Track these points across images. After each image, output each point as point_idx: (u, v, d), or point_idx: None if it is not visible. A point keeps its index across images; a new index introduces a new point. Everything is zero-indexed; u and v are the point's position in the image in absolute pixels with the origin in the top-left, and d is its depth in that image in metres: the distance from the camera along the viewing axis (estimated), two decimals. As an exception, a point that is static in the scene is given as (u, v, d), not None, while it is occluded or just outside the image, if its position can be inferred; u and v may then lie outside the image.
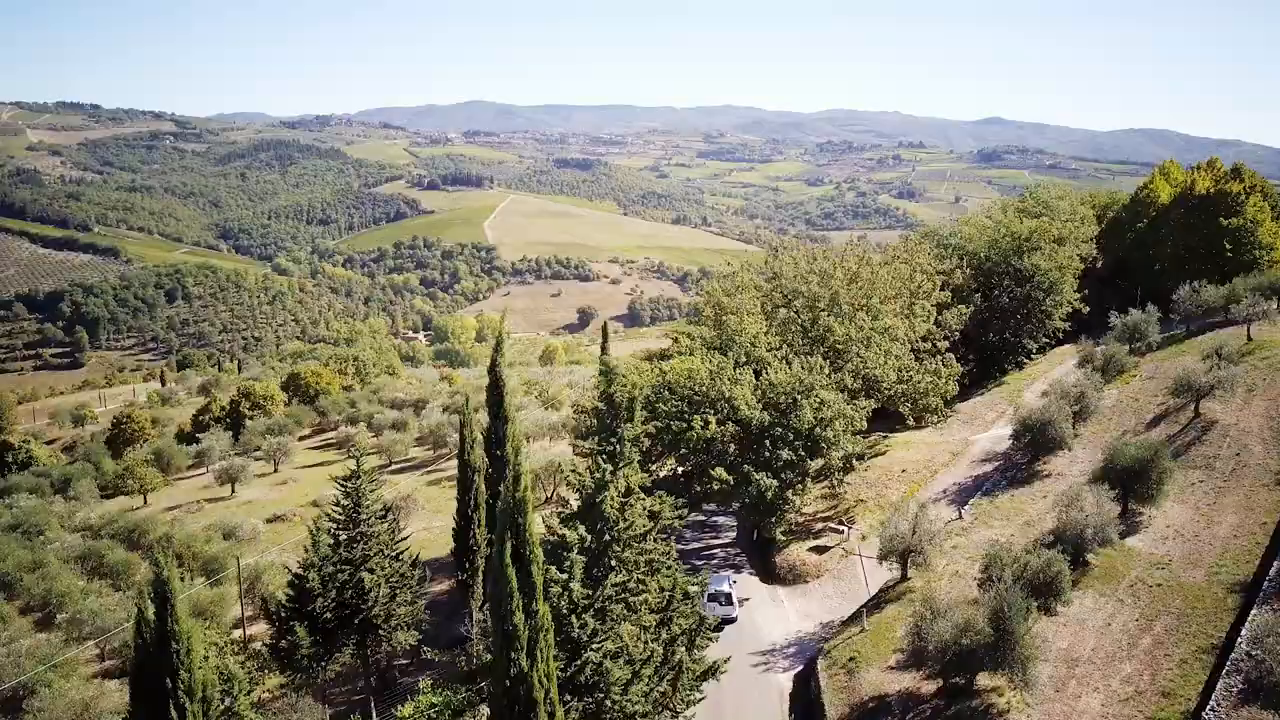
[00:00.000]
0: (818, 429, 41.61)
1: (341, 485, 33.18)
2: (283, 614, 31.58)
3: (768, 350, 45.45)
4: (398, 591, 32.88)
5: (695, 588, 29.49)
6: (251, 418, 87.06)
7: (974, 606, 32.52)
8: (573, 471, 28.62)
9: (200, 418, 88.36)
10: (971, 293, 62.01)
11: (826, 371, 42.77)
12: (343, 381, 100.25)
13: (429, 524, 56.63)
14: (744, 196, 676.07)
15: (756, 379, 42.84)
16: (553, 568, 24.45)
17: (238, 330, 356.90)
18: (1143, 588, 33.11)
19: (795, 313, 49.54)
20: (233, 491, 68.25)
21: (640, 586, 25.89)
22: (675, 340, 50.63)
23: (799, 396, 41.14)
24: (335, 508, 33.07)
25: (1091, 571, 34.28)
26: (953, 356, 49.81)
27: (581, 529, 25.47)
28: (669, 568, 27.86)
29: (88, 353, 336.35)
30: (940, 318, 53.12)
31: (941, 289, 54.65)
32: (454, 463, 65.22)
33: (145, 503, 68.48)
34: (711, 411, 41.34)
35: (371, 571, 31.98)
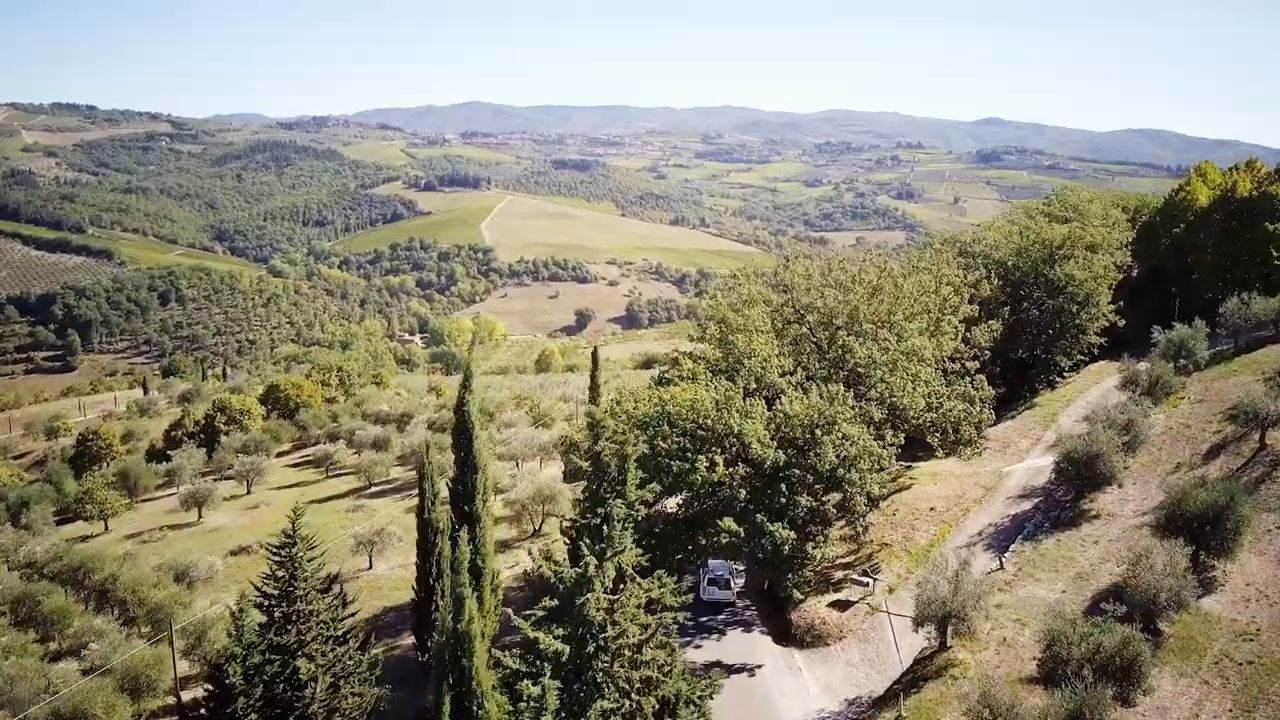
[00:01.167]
0: (840, 469, 36.32)
1: (273, 554, 27.65)
2: (201, 712, 26.39)
3: (781, 375, 40.02)
4: (342, 682, 27.46)
5: (704, 692, 23.85)
6: (227, 433, 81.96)
7: (1031, 689, 27.52)
8: (546, 560, 23.30)
9: (173, 433, 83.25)
10: (999, 305, 56.54)
11: (849, 401, 37.43)
12: (326, 393, 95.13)
13: (406, 559, 51.38)
14: (742, 197, 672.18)
15: (769, 408, 37.71)
16: (526, 682, 19.27)
17: (231, 333, 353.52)
18: (1230, 665, 28.06)
19: (809, 330, 44.13)
20: (199, 517, 63.18)
21: (634, 707, 20.70)
22: (675, 363, 44.82)
23: (819, 431, 35.97)
24: (267, 581, 27.57)
25: (1167, 644, 29.15)
26: (984, 379, 44.20)
27: (558, 638, 20.31)
28: (670, 677, 22.33)
29: (80, 356, 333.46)
30: (968, 334, 47.53)
31: (969, 302, 49.16)
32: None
33: (106, 529, 63.42)
34: (718, 450, 35.82)
35: (310, 659, 26.57)
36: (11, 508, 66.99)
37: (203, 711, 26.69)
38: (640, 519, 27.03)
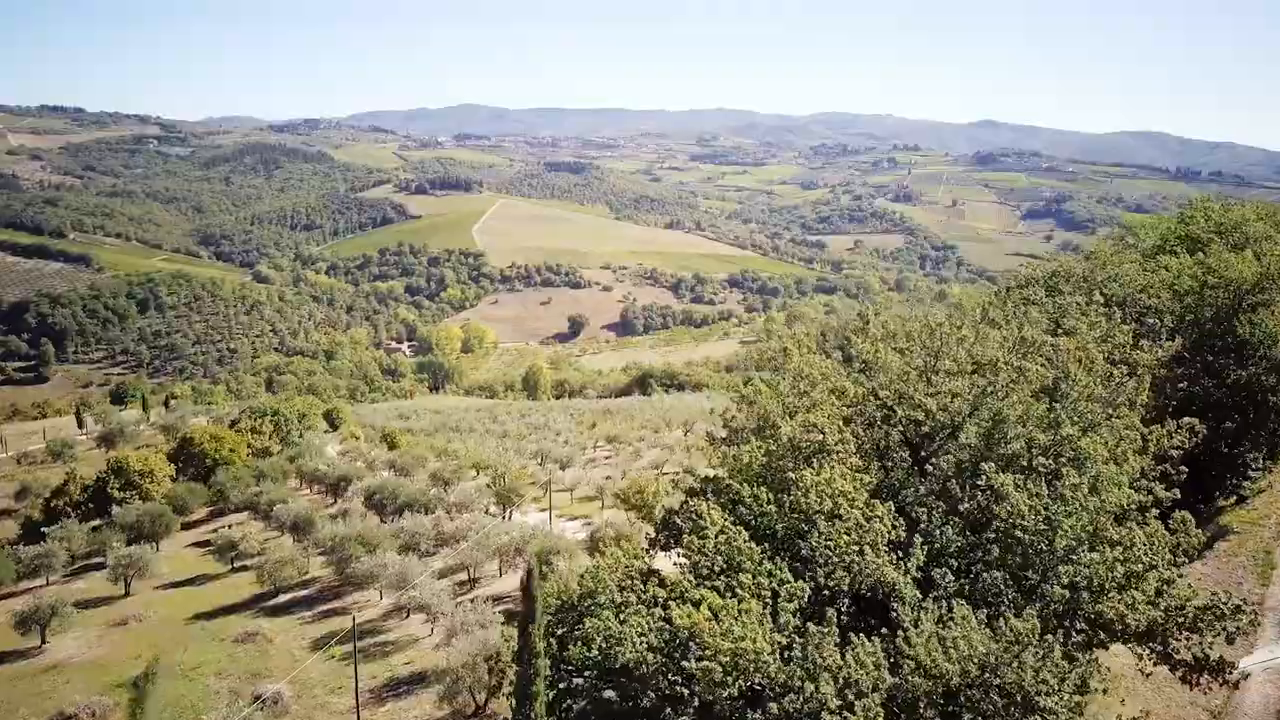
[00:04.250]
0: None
1: None
2: None
3: (893, 563, 19.41)
4: None
5: None
6: (123, 501, 65.65)
7: None
8: None
9: (54, 503, 66.97)
10: (1172, 382, 37.97)
11: (1043, 634, 17.71)
12: (257, 444, 78.67)
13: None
14: (738, 200, 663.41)
15: (885, 642, 18.12)
16: None
17: (212, 342, 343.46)
18: None
19: (905, 437, 24.28)
20: (42, 642, 46.85)
21: None
22: (691, 501, 23.63)
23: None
24: None
25: None
26: (1189, 518, 24.55)
27: None
28: None
29: (53, 366, 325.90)
30: (1150, 438, 27.88)
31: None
32: (367, 597, 39.41)
33: (-78, 654, 47.23)
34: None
35: None
36: None
37: None
38: None
